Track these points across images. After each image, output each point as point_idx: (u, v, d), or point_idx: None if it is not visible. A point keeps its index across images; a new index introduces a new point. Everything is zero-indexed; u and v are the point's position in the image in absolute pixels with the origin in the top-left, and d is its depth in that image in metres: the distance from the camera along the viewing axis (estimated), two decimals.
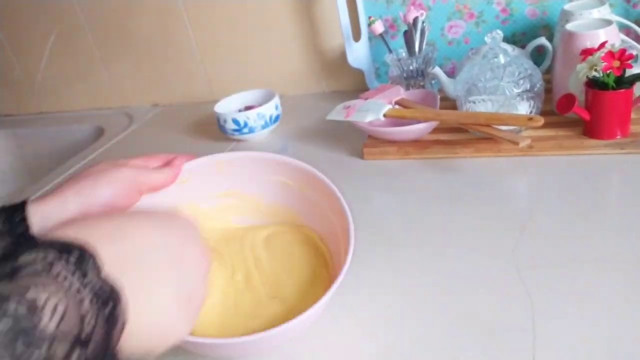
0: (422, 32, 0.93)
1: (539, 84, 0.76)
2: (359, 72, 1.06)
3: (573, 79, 0.75)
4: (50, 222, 0.40)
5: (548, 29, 0.94)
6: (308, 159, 0.88)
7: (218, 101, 1.01)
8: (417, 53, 0.94)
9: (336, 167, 0.83)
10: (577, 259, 0.54)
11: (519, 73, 0.75)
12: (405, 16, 0.93)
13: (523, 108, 0.76)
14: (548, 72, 0.88)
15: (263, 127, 0.96)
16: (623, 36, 0.79)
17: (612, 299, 0.49)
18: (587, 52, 0.70)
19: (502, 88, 0.75)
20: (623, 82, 0.69)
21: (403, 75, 0.95)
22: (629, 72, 0.69)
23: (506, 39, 0.93)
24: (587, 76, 0.70)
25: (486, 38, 0.79)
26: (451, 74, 0.96)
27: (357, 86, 1.09)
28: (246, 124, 0.95)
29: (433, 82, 0.96)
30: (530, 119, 0.70)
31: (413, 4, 0.98)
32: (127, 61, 1.27)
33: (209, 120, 1.08)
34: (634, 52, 0.70)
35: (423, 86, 0.95)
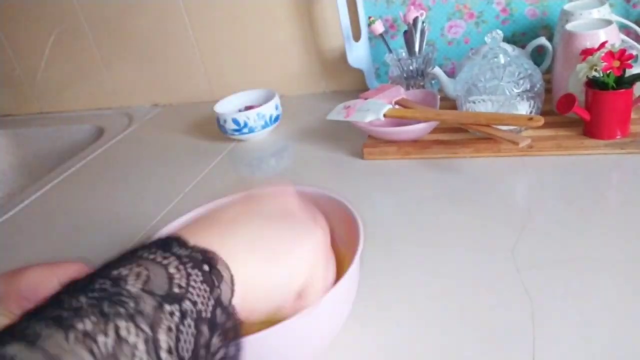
0: (422, 32, 0.93)
1: (539, 84, 0.76)
2: (359, 72, 1.06)
3: (573, 79, 0.75)
4: None
5: (548, 29, 0.94)
6: (308, 159, 0.89)
7: (218, 101, 1.01)
8: (417, 53, 0.94)
9: (336, 167, 0.83)
10: (577, 259, 0.54)
11: (519, 73, 0.75)
12: (405, 16, 0.93)
13: (523, 108, 0.76)
14: (548, 72, 0.88)
15: (263, 127, 0.96)
16: (623, 36, 0.79)
17: (612, 299, 0.49)
18: (587, 52, 0.70)
19: (502, 88, 0.75)
20: (623, 82, 0.69)
21: (403, 75, 0.95)
22: (629, 72, 0.69)
23: (506, 39, 0.93)
24: (587, 76, 0.70)
25: (486, 38, 0.79)
26: (451, 74, 0.96)
27: (357, 86, 1.09)
28: (246, 124, 0.95)
29: (433, 82, 0.96)
30: (530, 119, 0.70)
31: (413, 4, 0.98)
32: (127, 61, 1.27)
33: (209, 120, 1.08)
34: (634, 52, 0.70)
35: (423, 86, 0.95)
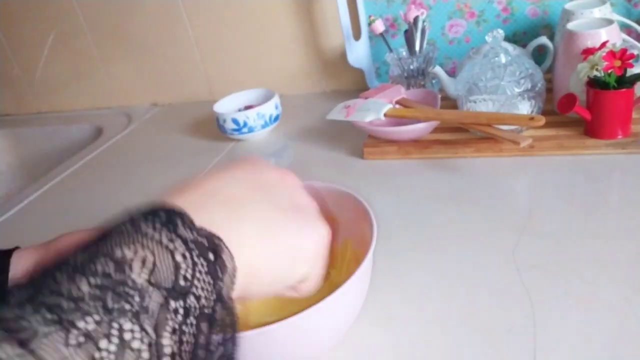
0: (423, 31, 0.93)
1: (540, 84, 0.76)
2: (359, 72, 1.05)
3: (574, 79, 0.74)
4: (19, 266, 0.44)
5: (549, 29, 0.94)
6: (308, 159, 0.89)
7: (217, 101, 1.01)
8: (418, 52, 0.93)
9: (336, 167, 0.83)
10: (578, 259, 0.54)
11: (520, 72, 0.75)
12: (405, 15, 0.93)
13: (524, 108, 0.75)
14: (549, 72, 0.87)
15: (263, 127, 0.96)
16: (624, 35, 0.79)
17: (613, 299, 0.48)
18: (588, 52, 0.70)
19: (503, 87, 0.75)
20: (624, 82, 0.69)
21: (403, 74, 0.95)
22: (630, 72, 0.69)
23: (507, 38, 0.93)
24: (588, 76, 0.70)
25: (487, 37, 0.78)
26: (452, 74, 0.96)
27: (358, 86, 1.09)
28: (246, 124, 0.94)
29: (434, 82, 0.96)
30: (531, 119, 0.70)
31: (414, 3, 0.98)
32: (126, 61, 1.27)
33: (209, 119, 1.08)
34: (635, 52, 0.69)
35: (424, 85, 0.95)
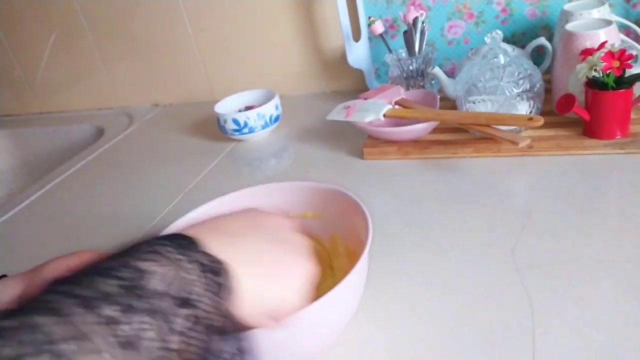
0: (422, 32, 0.93)
1: (539, 84, 0.76)
2: (359, 72, 1.06)
3: (573, 79, 0.75)
4: (3, 296, 0.45)
5: (548, 29, 0.94)
6: (308, 159, 0.89)
7: (218, 101, 1.01)
8: (417, 53, 0.94)
9: (336, 167, 0.83)
10: (577, 259, 0.54)
11: (519, 73, 0.75)
12: (405, 16, 0.93)
13: (523, 108, 0.76)
14: (548, 72, 0.88)
15: (263, 127, 0.96)
16: (623, 36, 0.79)
17: (612, 299, 0.49)
18: (587, 52, 0.70)
19: (502, 88, 0.75)
20: (623, 82, 0.69)
21: (403, 75, 0.95)
22: (629, 72, 0.69)
23: (506, 39, 0.93)
24: (587, 76, 0.70)
25: (486, 38, 0.79)
26: (451, 74, 0.96)
27: (357, 86, 1.09)
28: (246, 124, 0.95)
29: (433, 82, 0.96)
30: (530, 119, 0.70)
31: (413, 4, 0.98)
32: (127, 61, 1.27)
33: (209, 120, 1.08)
34: (634, 52, 0.70)
35: (423, 86, 0.95)
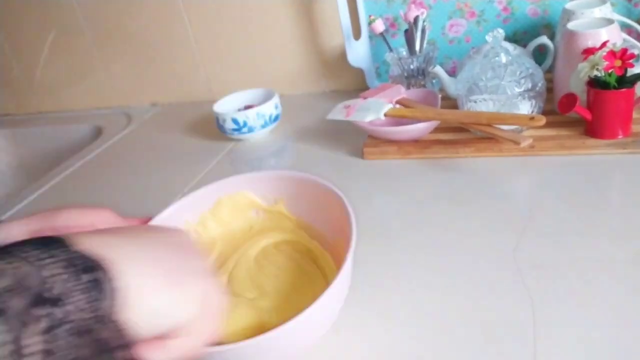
0: (423, 31, 0.93)
1: (541, 83, 0.76)
2: (359, 71, 1.05)
3: (574, 79, 0.74)
4: (10, 235, 0.43)
5: (549, 28, 0.94)
6: (308, 159, 0.89)
7: (217, 100, 1.01)
8: (418, 52, 0.93)
9: (336, 167, 0.83)
10: (579, 259, 0.54)
11: (520, 72, 0.75)
12: (405, 15, 0.93)
13: (524, 107, 0.75)
14: (549, 72, 0.87)
15: (262, 127, 0.96)
16: (625, 35, 0.79)
17: (614, 299, 0.48)
18: (589, 52, 0.70)
19: (504, 87, 0.75)
20: (625, 82, 0.69)
21: (404, 74, 0.94)
22: (631, 72, 0.69)
23: (507, 38, 0.93)
24: (589, 75, 0.70)
25: (487, 37, 0.78)
26: (452, 73, 0.96)
27: (358, 85, 1.09)
28: (245, 124, 0.94)
29: (434, 81, 0.96)
30: (531, 119, 0.70)
31: (414, 3, 0.98)
32: (126, 61, 1.27)
33: (208, 119, 1.07)
34: (636, 52, 0.69)
35: (424, 85, 0.95)
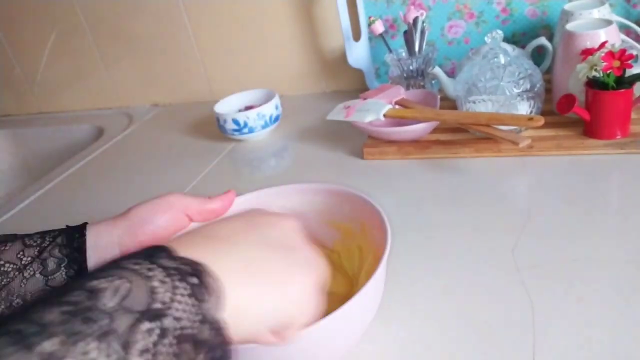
0: (422, 32, 0.93)
1: (539, 84, 0.76)
2: (359, 72, 1.06)
3: (573, 79, 0.75)
4: (100, 240, 0.44)
5: (548, 29, 0.94)
6: (308, 159, 0.89)
7: (218, 101, 1.01)
8: (417, 53, 0.93)
9: (336, 167, 0.83)
10: (577, 259, 0.54)
11: (519, 73, 0.75)
12: (405, 16, 0.93)
13: (523, 108, 0.76)
14: (548, 72, 0.88)
15: (263, 127, 0.96)
16: (623, 36, 0.79)
17: (612, 299, 0.49)
18: (587, 52, 0.70)
19: (502, 88, 0.75)
20: (623, 82, 0.69)
21: (403, 75, 0.95)
22: (629, 72, 0.69)
23: (506, 39, 0.93)
24: (587, 76, 0.70)
25: (486, 38, 0.79)
26: (451, 74, 0.96)
27: (357, 86, 1.09)
28: (246, 124, 0.95)
29: (433, 82, 0.96)
30: (530, 119, 0.70)
31: (413, 4, 0.98)
32: (127, 61, 1.27)
33: (209, 120, 1.08)
34: (634, 52, 0.70)
35: (423, 86, 0.95)
